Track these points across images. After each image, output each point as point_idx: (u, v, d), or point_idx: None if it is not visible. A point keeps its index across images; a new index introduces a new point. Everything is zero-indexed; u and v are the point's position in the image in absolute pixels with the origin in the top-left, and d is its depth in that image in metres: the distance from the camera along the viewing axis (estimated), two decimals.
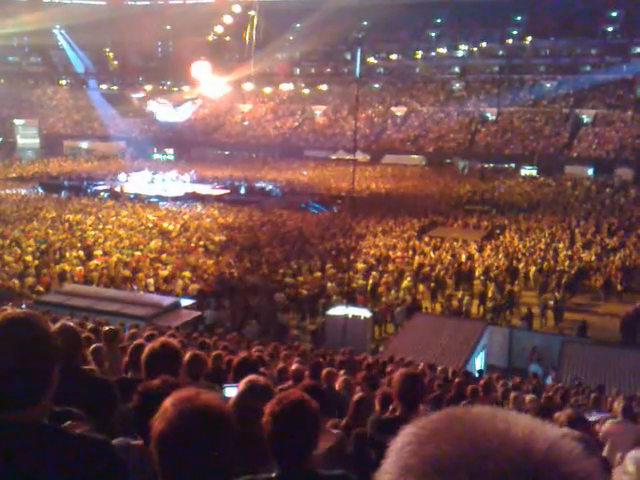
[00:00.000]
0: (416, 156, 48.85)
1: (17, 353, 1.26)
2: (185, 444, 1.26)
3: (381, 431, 2.99)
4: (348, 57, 60.97)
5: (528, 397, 7.13)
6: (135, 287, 17.12)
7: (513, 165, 45.09)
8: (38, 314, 1.40)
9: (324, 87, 60.74)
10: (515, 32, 56.61)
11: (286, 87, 62.01)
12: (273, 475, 1.83)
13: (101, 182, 37.02)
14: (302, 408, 1.86)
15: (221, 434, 1.30)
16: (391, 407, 3.49)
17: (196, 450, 1.27)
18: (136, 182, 36.85)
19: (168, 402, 1.32)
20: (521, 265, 20.17)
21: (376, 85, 59.52)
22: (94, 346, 4.60)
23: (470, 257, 21.31)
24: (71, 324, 3.10)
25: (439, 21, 59.59)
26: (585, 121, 48.78)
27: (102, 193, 34.17)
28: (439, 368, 9.80)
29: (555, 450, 0.49)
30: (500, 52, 57.15)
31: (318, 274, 19.03)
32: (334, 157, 49.10)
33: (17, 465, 1.23)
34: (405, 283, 17.99)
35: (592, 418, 5.93)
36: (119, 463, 1.41)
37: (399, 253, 21.82)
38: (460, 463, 0.48)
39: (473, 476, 0.48)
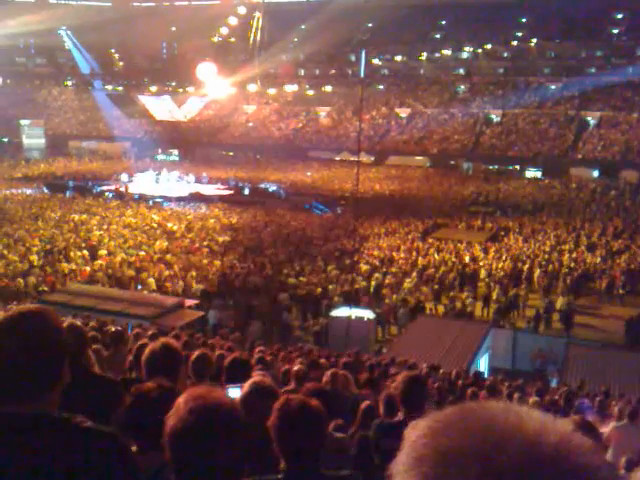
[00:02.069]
0: (420, 157, 48.80)
1: (29, 345, 1.29)
2: (196, 441, 1.28)
3: (385, 435, 2.99)
4: (352, 59, 61.01)
5: (531, 399, 7.12)
6: (140, 287, 17.18)
7: (518, 167, 44.99)
8: (50, 309, 1.43)
9: (328, 88, 60.79)
10: (520, 34, 56.50)
11: (290, 88, 62.11)
12: (280, 476, 1.84)
13: (106, 182, 37.17)
14: (308, 410, 1.87)
15: (231, 432, 1.32)
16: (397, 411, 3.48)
17: (207, 447, 1.29)
18: (141, 182, 36.98)
19: (181, 399, 1.35)
20: (525, 267, 20.11)
21: (380, 86, 59.50)
22: (95, 347, 4.61)
23: (474, 259, 21.27)
24: (78, 322, 3.12)
25: (444, 23, 59.53)
26: (590, 123, 48.62)
27: (107, 193, 34.29)
28: (441, 370, 9.79)
29: (566, 443, 0.50)
30: (505, 54, 57.06)
31: (322, 275, 19.04)
32: (338, 158, 49.10)
33: (27, 456, 1.24)
34: (406, 284, 17.97)
35: (590, 417, 5.90)
36: (129, 455, 1.42)
37: (403, 255, 21.79)
38: (472, 454, 0.49)
39: (485, 467, 0.48)
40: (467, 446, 0.50)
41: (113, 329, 6.34)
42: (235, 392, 2.85)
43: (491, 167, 45.29)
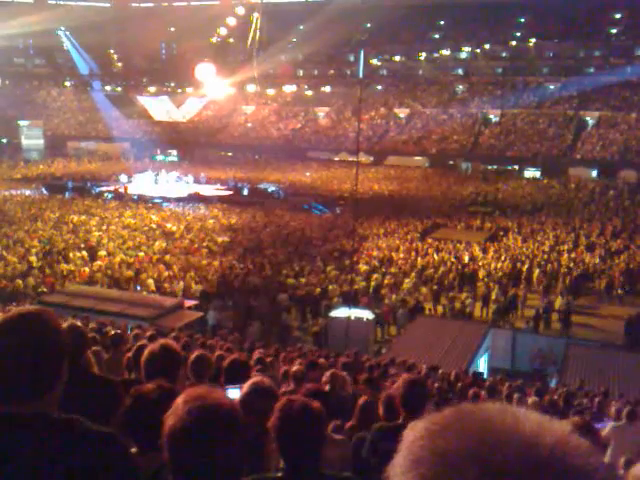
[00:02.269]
0: (419, 158, 48.83)
1: (28, 346, 1.30)
2: (194, 441, 1.28)
3: (384, 438, 2.99)
4: (351, 59, 61.02)
5: (531, 400, 7.12)
6: (139, 287, 17.17)
7: (516, 167, 45.03)
8: (49, 310, 1.44)
9: (327, 89, 60.81)
10: (519, 34, 56.53)
11: (289, 89, 62.12)
12: (279, 475, 1.85)
13: (105, 183, 37.16)
14: (309, 411, 1.87)
15: (231, 432, 1.32)
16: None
17: (206, 447, 1.29)
18: (140, 183, 36.98)
19: (180, 399, 1.35)
20: (525, 267, 20.12)
21: (379, 87, 59.52)
22: (95, 349, 4.61)
23: (473, 259, 21.29)
24: (78, 323, 3.13)
25: (442, 23, 59.56)
26: (589, 123, 48.68)
27: (106, 194, 34.27)
28: (441, 371, 9.80)
29: (562, 445, 0.50)
30: (503, 54, 57.09)
31: (321, 276, 19.05)
32: (337, 158, 49.13)
33: (27, 456, 1.25)
34: (405, 285, 17.97)
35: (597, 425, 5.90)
36: (128, 456, 1.42)
37: (402, 255, 21.80)
38: (469, 455, 0.50)
39: (482, 468, 0.49)
40: (464, 448, 0.50)
41: (113, 332, 6.33)
42: (234, 393, 2.85)
43: (490, 167, 45.32)
